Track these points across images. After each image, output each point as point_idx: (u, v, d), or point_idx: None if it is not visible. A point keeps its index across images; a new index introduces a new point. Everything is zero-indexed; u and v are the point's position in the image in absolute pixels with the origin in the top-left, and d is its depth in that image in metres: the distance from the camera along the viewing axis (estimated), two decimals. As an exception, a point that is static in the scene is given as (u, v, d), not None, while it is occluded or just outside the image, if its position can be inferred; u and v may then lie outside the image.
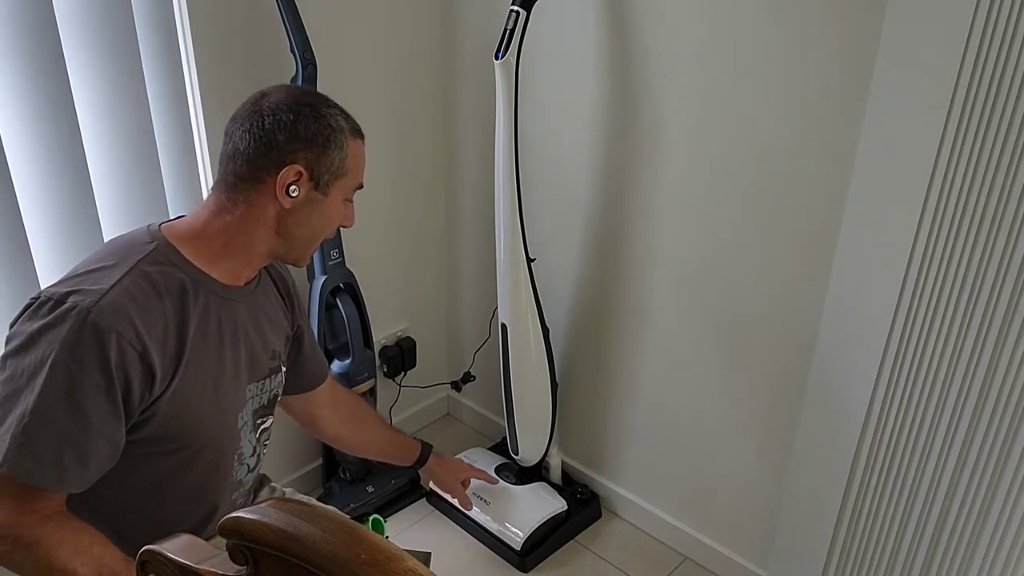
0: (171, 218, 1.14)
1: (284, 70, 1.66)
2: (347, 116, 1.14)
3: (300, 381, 1.39)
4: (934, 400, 1.41)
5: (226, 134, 1.10)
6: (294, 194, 1.08)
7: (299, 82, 1.62)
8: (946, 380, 1.38)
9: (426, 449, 1.67)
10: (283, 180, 1.07)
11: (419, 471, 1.72)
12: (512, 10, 1.58)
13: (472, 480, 1.85)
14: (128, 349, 0.98)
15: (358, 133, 1.15)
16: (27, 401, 0.96)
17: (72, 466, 0.99)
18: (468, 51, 1.97)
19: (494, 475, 1.98)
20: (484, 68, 1.89)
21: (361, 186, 1.18)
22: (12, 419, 0.96)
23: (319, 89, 1.65)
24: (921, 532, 1.51)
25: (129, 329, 0.99)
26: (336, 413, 1.50)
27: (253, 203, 1.09)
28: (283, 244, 1.13)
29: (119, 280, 1.01)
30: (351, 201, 1.18)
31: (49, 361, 0.96)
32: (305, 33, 1.62)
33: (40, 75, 1.37)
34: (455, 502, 1.92)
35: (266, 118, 1.06)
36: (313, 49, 1.63)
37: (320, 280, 1.83)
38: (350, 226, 1.20)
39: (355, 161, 1.14)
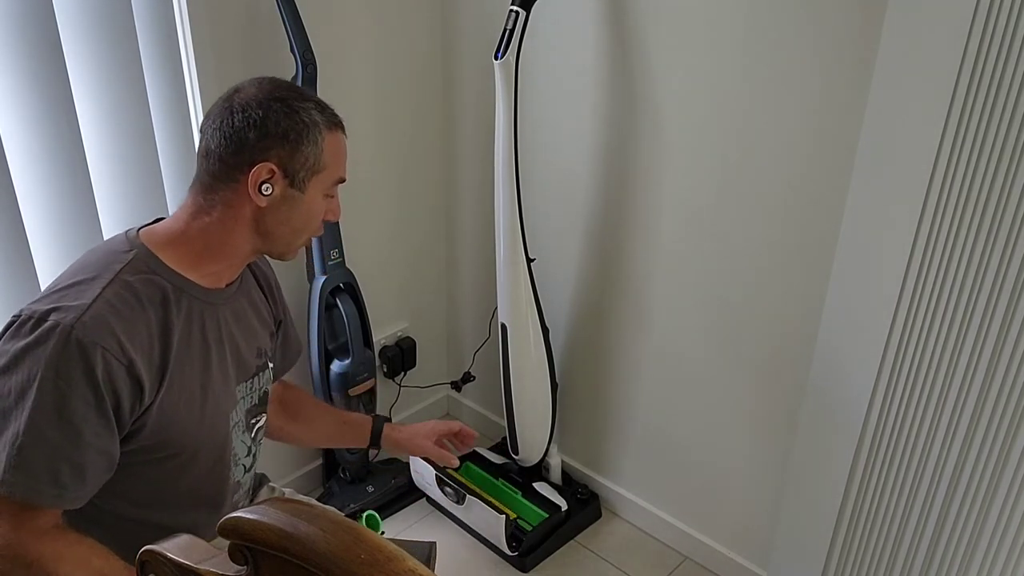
0: (148, 222, 1.11)
1: (284, 70, 1.66)
2: (323, 108, 1.09)
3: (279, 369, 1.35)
4: (934, 400, 1.41)
5: (200, 131, 1.08)
6: (267, 192, 1.04)
7: (299, 82, 1.62)
8: (946, 380, 1.38)
9: (378, 422, 1.46)
10: (255, 179, 1.04)
11: (381, 446, 1.48)
12: (512, 10, 1.58)
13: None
14: (114, 363, 0.97)
15: (336, 125, 1.10)
16: (18, 422, 0.95)
17: (70, 482, 0.98)
18: (468, 51, 1.97)
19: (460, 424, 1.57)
20: (484, 68, 1.89)
21: (343, 179, 1.13)
22: (5, 440, 0.96)
23: (319, 89, 1.65)
24: (921, 532, 1.51)
25: (113, 343, 0.97)
26: (282, 406, 1.43)
27: (230, 203, 1.06)
28: (265, 242, 1.10)
29: (100, 293, 0.98)
30: (333, 196, 1.14)
31: (36, 381, 0.94)
32: (305, 33, 1.62)
33: (40, 75, 1.37)
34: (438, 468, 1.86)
35: (236, 115, 1.03)
36: (313, 49, 1.63)
37: (320, 280, 1.83)
38: (335, 220, 1.16)
39: (333, 155, 1.09)
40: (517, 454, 2.03)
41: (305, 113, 1.06)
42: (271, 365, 1.27)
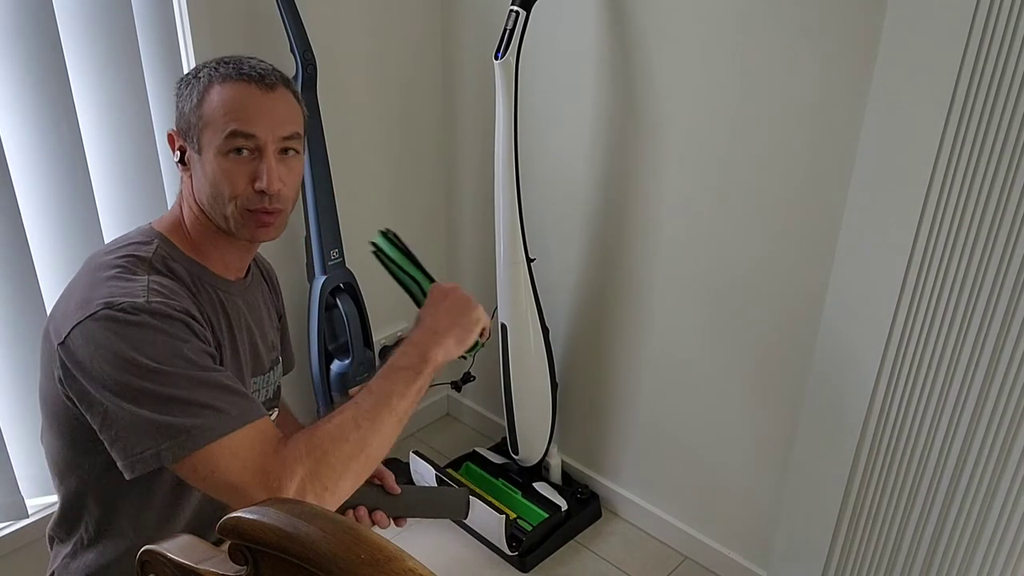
0: (158, 218, 1.12)
1: (284, 70, 1.65)
2: (224, 64, 1.03)
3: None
4: (935, 400, 1.41)
5: None
6: (176, 158, 1.07)
7: (299, 82, 1.62)
8: (946, 380, 1.38)
9: None
10: (169, 147, 1.08)
11: None
12: (512, 10, 1.58)
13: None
14: (201, 327, 0.98)
15: (227, 77, 1.02)
16: (167, 386, 0.90)
17: (241, 397, 0.95)
18: (468, 51, 1.97)
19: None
20: (484, 68, 1.90)
21: (243, 135, 1.01)
22: (170, 408, 0.90)
23: (319, 89, 1.65)
24: (921, 532, 1.51)
25: (192, 308, 0.98)
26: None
27: (183, 181, 1.09)
28: (209, 214, 1.06)
29: (147, 283, 0.97)
30: (233, 153, 1.02)
31: (154, 343, 0.91)
32: (305, 33, 1.62)
33: (40, 75, 1.37)
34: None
35: None
36: (313, 49, 1.63)
37: (320, 280, 1.83)
38: (264, 187, 1.02)
39: (219, 106, 1.00)
40: (517, 454, 2.03)
41: (196, 73, 1.05)
42: (281, 360, 1.27)
